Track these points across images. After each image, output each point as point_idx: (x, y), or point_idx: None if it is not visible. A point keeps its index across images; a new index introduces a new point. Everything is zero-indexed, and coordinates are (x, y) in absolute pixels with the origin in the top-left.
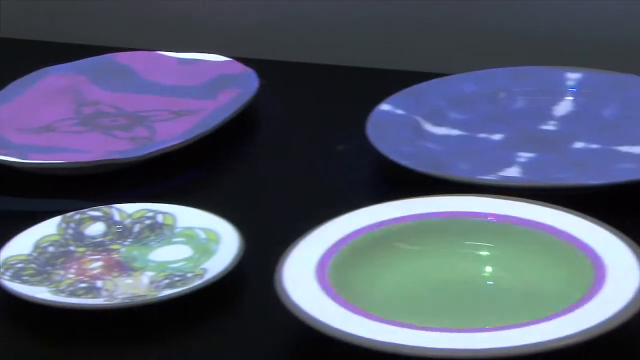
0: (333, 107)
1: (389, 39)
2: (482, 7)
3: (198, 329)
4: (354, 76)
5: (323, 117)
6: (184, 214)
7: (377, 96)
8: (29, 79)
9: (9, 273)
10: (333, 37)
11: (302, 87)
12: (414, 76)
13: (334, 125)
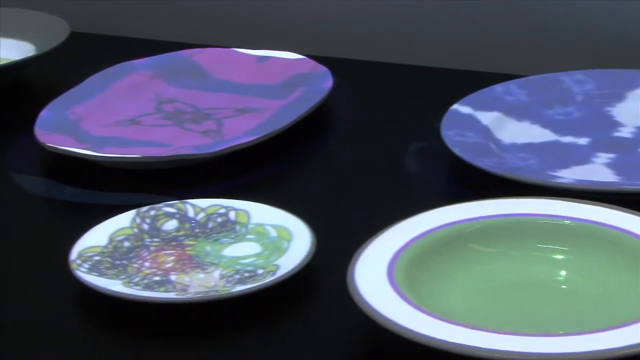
0: (407, 107)
1: (464, 38)
2: (562, 8)
3: (269, 326)
4: (429, 76)
5: (397, 116)
6: (257, 211)
7: (453, 96)
8: (108, 74)
9: (86, 265)
10: (408, 36)
11: (376, 86)
12: (490, 77)
13: (408, 124)
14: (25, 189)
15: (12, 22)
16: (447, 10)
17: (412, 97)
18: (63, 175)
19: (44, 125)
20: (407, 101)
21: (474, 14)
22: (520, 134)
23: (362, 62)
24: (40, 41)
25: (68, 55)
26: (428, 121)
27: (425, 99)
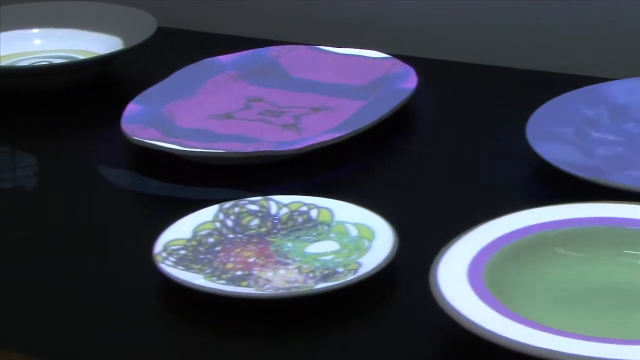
0: (491, 108)
1: (551, 40)
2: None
3: (349, 324)
4: (513, 77)
5: (480, 117)
6: (340, 209)
7: (538, 98)
8: (193, 70)
9: (170, 258)
10: (494, 37)
11: (460, 86)
12: (575, 80)
13: (492, 126)
14: (110, 181)
15: (101, 17)
16: (531, 11)
17: (497, 98)
18: (148, 169)
19: (130, 119)
20: (491, 102)
21: (558, 16)
22: (608, 139)
23: (446, 62)
24: (127, 36)
25: (155, 50)
26: (512, 122)
27: (510, 100)
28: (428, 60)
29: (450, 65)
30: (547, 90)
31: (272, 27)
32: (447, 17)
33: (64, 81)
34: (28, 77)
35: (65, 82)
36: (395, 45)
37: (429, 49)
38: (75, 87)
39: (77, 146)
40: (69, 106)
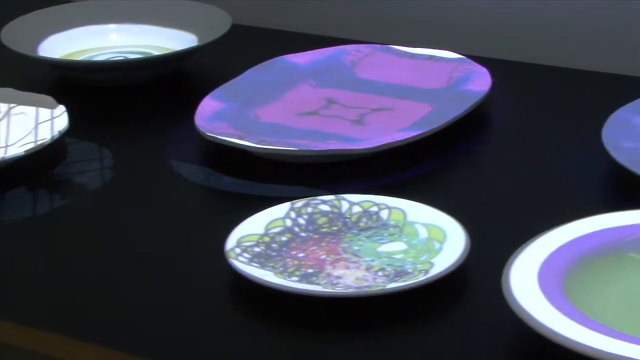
0: (566, 111)
1: (627, 43)
2: None
3: (419, 325)
4: (589, 80)
5: (555, 120)
6: (411, 209)
7: (614, 102)
8: (267, 67)
9: (242, 254)
10: (570, 39)
11: (535, 88)
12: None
13: (567, 129)
14: (183, 176)
15: (176, 13)
16: (607, 13)
17: (572, 101)
18: (220, 165)
19: (204, 115)
20: (566, 105)
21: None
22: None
23: (521, 63)
24: (202, 32)
25: (229, 47)
26: (588, 126)
27: (585, 103)
28: (502, 62)
29: (525, 67)
30: (624, 94)
31: (344, 25)
32: (522, 18)
33: (139, 76)
34: (103, 72)
35: (139, 77)
36: (470, 46)
37: (504, 50)
38: (150, 83)
39: (150, 141)
40: (143, 101)
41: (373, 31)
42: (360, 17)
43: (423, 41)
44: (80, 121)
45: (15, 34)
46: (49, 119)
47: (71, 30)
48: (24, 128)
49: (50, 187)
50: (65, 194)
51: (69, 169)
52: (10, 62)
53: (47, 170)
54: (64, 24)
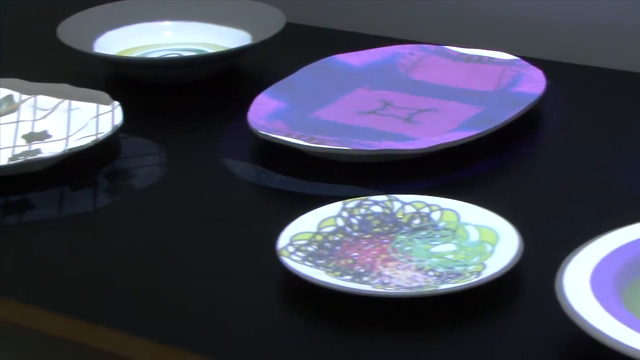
0: (622, 114)
1: None
2: None
3: (470, 326)
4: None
5: (611, 123)
6: (463, 210)
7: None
8: (320, 66)
9: (293, 253)
10: (626, 41)
11: (591, 91)
12: None
13: (622, 132)
14: (234, 173)
15: (231, 11)
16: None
17: (627, 104)
18: (272, 163)
19: (256, 113)
20: (621, 108)
21: None
22: None
23: (577, 66)
24: (256, 30)
25: (282, 45)
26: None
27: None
28: (556, 64)
29: (581, 69)
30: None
31: (397, 25)
32: (575, 19)
33: (193, 74)
34: (158, 69)
35: (193, 74)
36: (525, 47)
37: (558, 52)
38: (203, 80)
39: (203, 138)
40: (197, 99)
41: (425, 31)
42: (412, 16)
43: (476, 41)
44: (135, 117)
45: (71, 31)
46: (104, 114)
47: (126, 27)
48: (79, 124)
49: (104, 183)
50: (119, 190)
51: (123, 165)
52: (67, 59)
53: (101, 166)
54: (120, 21)
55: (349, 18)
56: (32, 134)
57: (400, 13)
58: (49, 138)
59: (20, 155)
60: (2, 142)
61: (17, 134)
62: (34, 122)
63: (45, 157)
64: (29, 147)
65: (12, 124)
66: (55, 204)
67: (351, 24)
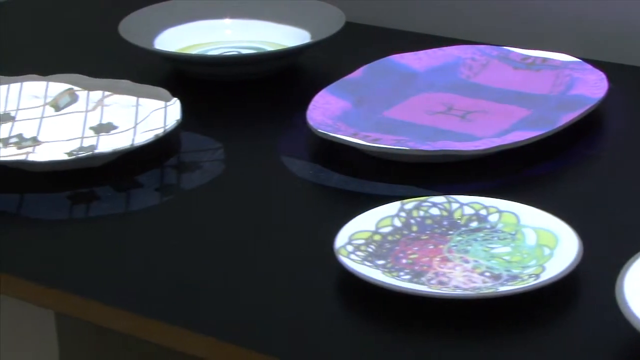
0: None
1: None
2: None
3: (529, 329)
4: None
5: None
6: (522, 212)
7: None
8: (380, 66)
9: (351, 252)
10: None
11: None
12: None
13: None
14: (293, 172)
15: (291, 10)
16: None
17: None
18: (330, 162)
19: (315, 111)
20: None
21: None
22: None
23: (638, 68)
24: (315, 29)
25: (341, 44)
26: None
27: None
28: (621, 66)
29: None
30: None
31: (458, 25)
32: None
33: (252, 72)
34: (217, 66)
35: (252, 72)
36: (587, 49)
37: (623, 54)
38: (262, 78)
39: (261, 136)
40: (256, 96)
41: (485, 31)
42: (474, 16)
43: (536, 42)
44: (193, 114)
45: (132, 27)
46: (163, 111)
47: (187, 25)
48: (139, 120)
49: (162, 179)
50: (176, 186)
51: (181, 161)
52: (127, 55)
53: (159, 162)
54: (180, 18)
55: (407, 17)
56: (101, 125)
57: (459, 12)
58: (115, 129)
59: (81, 150)
60: (71, 134)
61: (85, 126)
62: (100, 116)
63: (106, 153)
64: (98, 137)
65: (80, 116)
66: (116, 199)
67: (410, 24)
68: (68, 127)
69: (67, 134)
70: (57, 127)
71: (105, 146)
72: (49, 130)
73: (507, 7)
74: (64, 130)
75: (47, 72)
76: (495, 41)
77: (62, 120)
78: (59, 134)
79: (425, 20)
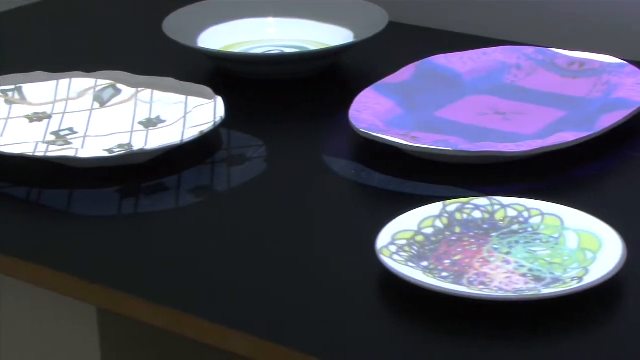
0: None
1: None
2: None
3: (571, 332)
4: None
5: None
6: (565, 214)
7: None
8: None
9: (394, 252)
10: None
11: None
12: None
13: None
14: (334, 171)
15: (334, 9)
16: None
17: None
18: (372, 161)
19: (358, 111)
20: None
21: None
22: None
23: None
24: (359, 28)
25: (384, 44)
26: None
27: None
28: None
29: None
30: None
31: (498, 25)
32: None
33: (295, 70)
34: (260, 65)
35: (295, 71)
36: (633, 51)
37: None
38: (305, 77)
39: (303, 134)
40: (298, 95)
41: (526, 31)
42: (516, 17)
43: (580, 43)
44: (236, 112)
45: (176, 25)
46: (206, 108)
47: (230, 23)
48: (181, 117)
49: (204, 177)
50: (218, 184)
51: (223, 159)
52: (171, 52)
53: (202, 160)
54: (223, 16)
55: (450, 18)
56: (149, 120)
57: (500, 12)
58: (163, 122)
59: (125, 147)
60: (118, 127)
61: (135, 120)
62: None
63: (150, 150)
64: (147, 131)
65: (128, 112)
66: (160, 196)
67: (452, 24)
68: (115, 121)
69: (114, 129)
70: (105, 122)
71: (150, 143)
72: (97, 124)
73: (547, 6)
74: (111, 124)
75: (92, 69)
76: (537, 41)
77: (109, 115)
78: (107, 129)
79: (467, 21)
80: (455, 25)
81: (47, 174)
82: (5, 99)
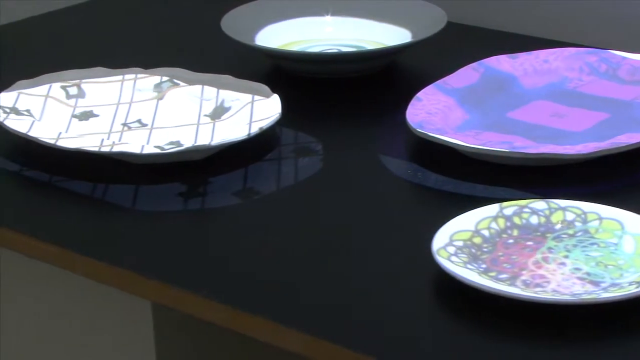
0: None
1: None
2: None
3: (632, 336)
4: None
5: None
6: (623, 218)
7: None
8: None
9: (451, 254)
10: None
11: None
12: None
13: None
14: (390, 171)
15: (392, 8)
16: None
17: None
18: (428, 161)
19: (415, 111)
20: None
21: None
22: None
23: None
24: (417, 28)
25: (441, 44)
26: None
27: None
28: None
29: None
30: None
31: (559, 27)
32: None
33: (352, 69)
34: (317, 63)
35: (352, 70)
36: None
37: None
38: (362, 76)
39: (359, 134)
40: (355, 94)
41: (584, 32)
42: (576, 17)
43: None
44: (292, 110)
45: (234, 23)
46: (263, 107)
47: (288, 21)
48: (239, 115)
49: (260, 174)
50: (274, 182)
51: (280, 157)
52: (229, 50)
53: (258, 157)
54: (281, 14)
55: (507, 19)
56: (216, 109)
57: (559, 14)
58: (228, 110)
59: (180, 145)
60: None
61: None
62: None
63: (207, 146)
64: (213, 123)
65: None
66: (219, 192)
67: (510, 25)
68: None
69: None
70: (169, 115)
71: (206, 140)
72: (162, 117)
73: (603, 8)
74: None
75: (151, 66)
76: (593, 42)
77: (168, 109)
78: (170, 121)
79: (525, 22)
80: (513, 26)
81: (109, 169)
82: (66, 95)
